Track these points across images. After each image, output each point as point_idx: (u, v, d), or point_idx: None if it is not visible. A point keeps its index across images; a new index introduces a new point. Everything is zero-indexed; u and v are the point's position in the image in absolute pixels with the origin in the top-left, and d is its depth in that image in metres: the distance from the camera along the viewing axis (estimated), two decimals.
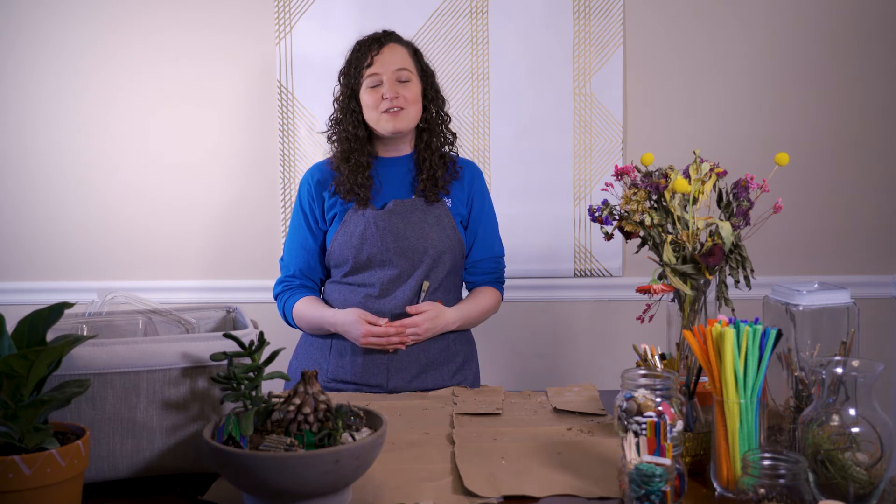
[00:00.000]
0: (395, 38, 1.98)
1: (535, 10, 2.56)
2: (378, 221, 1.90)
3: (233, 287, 2.64)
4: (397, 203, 1.93)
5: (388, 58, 1.92)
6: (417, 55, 2.00)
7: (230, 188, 2.63)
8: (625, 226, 1.51)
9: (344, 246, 1.92)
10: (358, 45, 1.97)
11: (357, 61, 1.94)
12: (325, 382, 1.93)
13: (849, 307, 1.37)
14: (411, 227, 1.92)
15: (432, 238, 1.92)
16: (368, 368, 1.90)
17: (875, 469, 1.10)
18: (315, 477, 1.09)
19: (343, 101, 1.97)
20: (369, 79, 1.92)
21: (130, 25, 2.58)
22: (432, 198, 1.95)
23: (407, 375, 1.90)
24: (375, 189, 1.96)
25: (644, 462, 1.09)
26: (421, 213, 1.94)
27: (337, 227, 1.94)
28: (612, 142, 2.60)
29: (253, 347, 1.24)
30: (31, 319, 1.12)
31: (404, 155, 2.01)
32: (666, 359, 1.47)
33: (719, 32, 2.57)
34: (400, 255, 1.90)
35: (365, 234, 1.90)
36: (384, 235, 1.90)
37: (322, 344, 1.95)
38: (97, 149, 2.62)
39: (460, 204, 2.00)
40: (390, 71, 1.91)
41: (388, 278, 1.91)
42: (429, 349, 1.92)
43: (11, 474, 1.00)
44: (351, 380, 1.91)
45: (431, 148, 1.97)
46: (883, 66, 2.58)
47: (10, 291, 2.62)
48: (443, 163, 1.98)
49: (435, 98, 2.00)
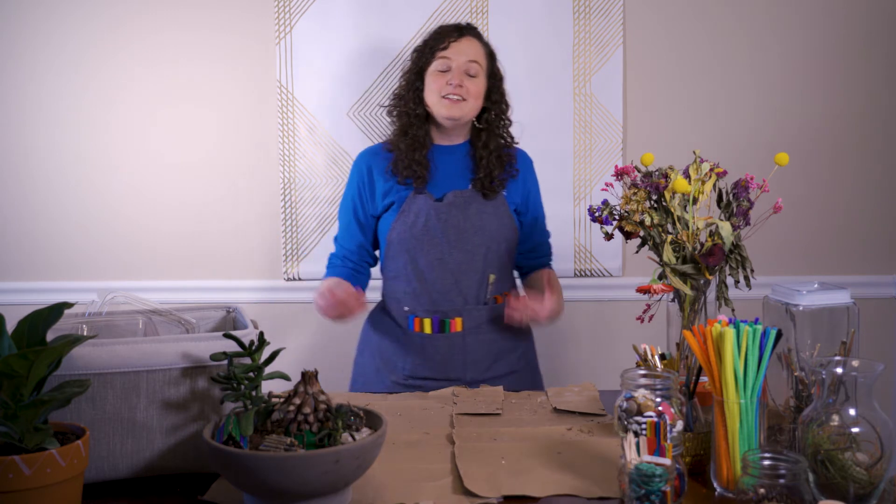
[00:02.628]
0: (476, 33, 2.02)
1: (535, 10, 2.56)
2: (439, 214, 1.94)
3: (233, 287, 2.64)
4: (456, 195, 1.96)
5: (463, 47, 1.96)
6: (491, 56, 2.03)
7: (230, 188, 2.63)
8: (625, 226, 1.51)
9: (404, 236, 1.95)
10: (439, 29, 2.01)
11: (434, 42, 1.98)
12: (402, 380, 1.97)
13: (849, 307, 1.37)
14: (470, 219, 1.95)
15: (491, 230, 1.96)
16: (447, 364, 1.96)
17: (875, 469, 1.10)
18: (315, 477, 1.09)
19: (409, 77, 2.01)
20: (439, 61, 1.95)
21: (130, 25, 2.58)
22: (490, 195, 1.98)
23: (482, 366, 1.97)
24: (431, 176, 1.98)
25: (644, 462, 1.09)
26: (479, 205, 1.97)
27: (395, 215, 1.96)
28: (612, 142, 2.60)
29: (253, 347, 1.24)
30: (31, 319, 1.12)
31: (459, 144, 2.03)
32: (666, 359, 1.47)
33: (719, 32, 2.57)
34: (461, 249, 1.94)
35: (427, 226, 1.93)
36: (445, 229, 1.94)
37: (396, 343, 2.00)
38: (97, 149, 2.62)
39: (515, 193, 2.04)
40: (462, 61, 1.95)
41: (450, 270, 1.95)
42: (498, 340, 1.99)
43: (11, 474, 1.00)
44: (430, 375, 1.96)
45: (489, 148, 1.99)
46: (883, 65, 2.58)
47: (10, 291, 2.62)
48: (500, 163, 2.00)
49: (499, 101, 2.02)
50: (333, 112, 2.59)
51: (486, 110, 2.01)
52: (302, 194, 2.61)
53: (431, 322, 1.96)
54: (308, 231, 2.62)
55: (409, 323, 1.98)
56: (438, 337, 1.96)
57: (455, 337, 1.96)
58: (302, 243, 2.63)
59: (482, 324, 1.98)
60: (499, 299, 2.00)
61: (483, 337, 1.97)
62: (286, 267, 2.63)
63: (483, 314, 1.97)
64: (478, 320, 1.97)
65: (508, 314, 1.89)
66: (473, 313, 1.96)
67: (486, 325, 1.98)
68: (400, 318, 2.00)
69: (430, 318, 1.96)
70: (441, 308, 1.96)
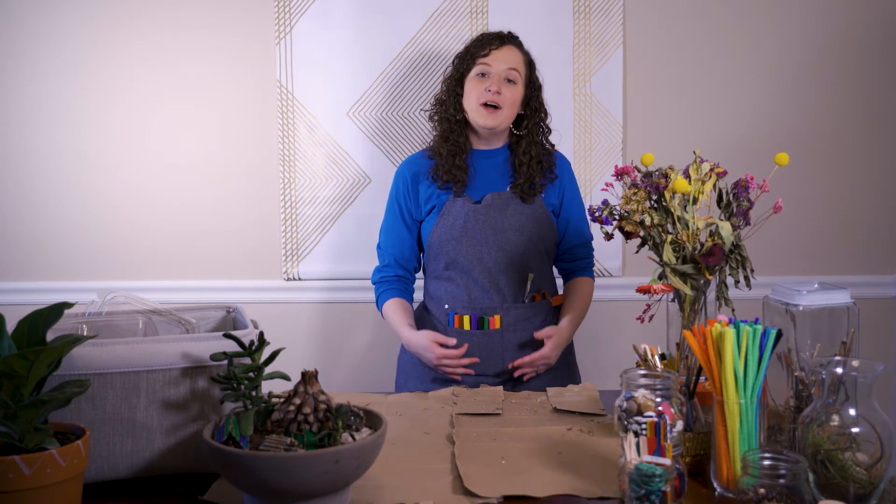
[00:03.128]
0: (517, 42, 2.08)
1: (535, 10, 2.56)
2: (477, 215, 2.00)
3: (233, 287, 2.64)
4: (494, 196, 2.02)
5: (504, 55, 2.02)
6: (531, 66, 2.09)
7: (230, 188, 2.63)
8: (625, 226, 1.51)
9: (444, 238, 2.01)
10: (481, 36, 2.07)
11: (475, 49, 2.04)
12: (442, 376, 2.00)
13: (849, 307, 1.37)
14: (508, 219, 2.00)
15: (529, 230, 2.01)
16: (485, 360, 1.98)
17: (875, 469, 1.10)
18: (315, 477, 1.09)
19: (450, 83, 2.07)
20: (479, 67, 2.02)
21: (130, 25, 2.58)
22: (528, 199, 2.02)
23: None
24: (470, 180, 2.04)
25: (644, 462, 1.09)
26: (517, 206, 2.02)
27: (436, 218, 2.03)
28: (612, 142, 2.59)
29: (253, 347, 1.24)
30: (31, 319, 1.12)
31: (497, 148, 2.09)
32: (666, 359, 1.47)
33: (719, 32, 2.57)
34: (499, 249, 1.99)
35: (466, 227, 1.99)
36: (483, 229, 1.99)
37: None
38: (97, 149, 2.61)
39: (553, 195, 2.08)
40: (502, 68, 2.01)
41: (489, 269, 1.99)
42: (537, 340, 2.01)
43: (11, 474, 1.00)
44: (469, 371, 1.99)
45: (530, 154, 2.04)
46: (883, 65, 2.58)
47: (10, 291, 2.62)
48: (540, 169, 2.05)
49: (538, 110, 2.08)
50: (333, 112, 2.59)
51: (525, 118, 2.07)
52: (302, 194, 2.61)
53: (470, 319, 2.01)
54: (308, 231, 2.62)
55: (450, 320, 2.03)
56: (477, 333, 2.00)
57: (494, 334, 2.00)
58: (302, 243, 2.62)
59: (520, 321, 2.01)
60: (536, 297, 2.04)
61: (521, 334, 2.01)
62: (286, 267, 2.63)
63: (521, 312, 2.02)
64: (516, 318, 2.01)
65: (522, 372, 1.96)
66: (512, 311, 2.01)
67: (524, 322, 2.02)
68: (440, 315, 2.05)
69: (469, 314, 2.01)
70: (480, 306, 2.01)
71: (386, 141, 2.59)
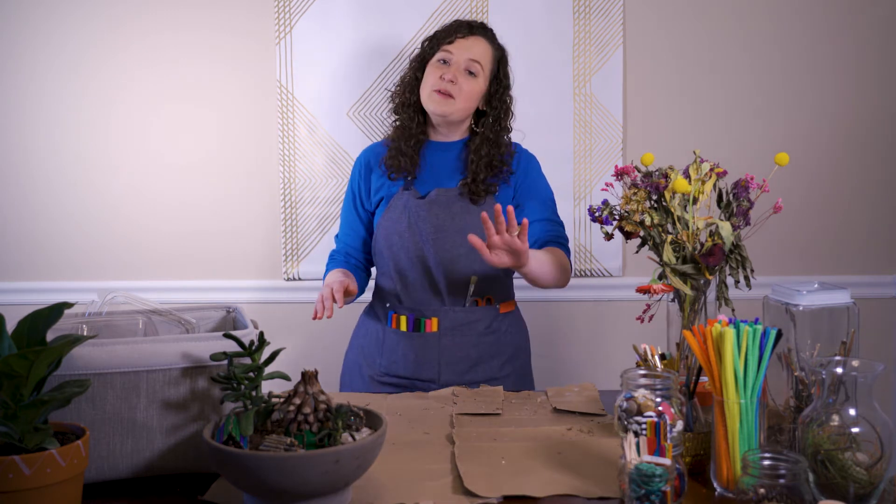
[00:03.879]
0: (489, 34, 1.98)
1: (535, 10, 2.56)
2: (420, 211, 1.90)
3: (233, 287, 2.64)
4: (440, 192, 1.92)
5: (469, 45, 1.93)
6: (500, 61, 1.98)
7: (230, 188, 2.63)
8: (625, 226, 1.51)
9: (388, 232, 1.93)
10: (452, 22, 1.98)
11: (442, 34, 1.96)
12: (378, 377, 1.96)
13: (849, 307, 1.36)
14: (453, 218, 1.90)
15: (476, 231, 1.83)
16: (420, 364, 1.92)
17: (875, 469, 1.10)
18: (315, 477, 1.09)
19: (413, 65, 2.00)
20: (442, 53, 1.93)
21: (130, 25, 2.58)
22: (477, 200, 1.91)
23: (458, 369, 1.93)
24: (420, 172, 1.95)
25: (644, 462, 1.09)
26: (464, 205, 1.91)
27: (383, 211, 1.95)
28: (612, 142, 2.60)
29: (253, 347, 1.24)
30: (31, 319, 1.12)
31: (454, 141, 2.00)
32: (666, 359, 1.47)
33: (719, 32, 2.57)
34: (440, 249, 1.90)
35: (409, 222, 1.90)
36: (425, 226, 1.89)
37: (375, 340, 1.99)
38: (97, 149, 2.62)
39: (506, 194, 1.96)
40: (463, 57, 1.92)
41: (430, 269, 1.91)
42: (480, 343, 1.94)
43: (11, 474, 1.00)
44: (403, 374, 1.94)
45: (481, 153, 1.93)
46: (883, 66, 2.58)
47: (10, 291, 2.62)
48: (490, 169, 1.93)
49: (498, 107, 1.96)
50: (333, 112, 2.59)
51: (484, 114, 1.98)
52: (302, 194, 2.61)
53: (407, 320, 1.94)
54: (308, 231, 2.62)
55: (388, 319, 1.97)
56: (414, 336, 1.93)
57: (430, 337, 1.92)
58: (302, 243, 2.63)
59: (460, 326, 1.93)
60: (480, 302, 1.96)
61: (460, 340, 1.93)
62: (286, 267, 2.63)
63: (461, 316, 1.93)
64: (454, 322, 1.93)
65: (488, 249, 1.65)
66: (450, 314, 1.93)
67: (464, 327, 1.93)
68: (382, 314, 2.00)
69: (406, 315, 1.94)
70: (419, 307, 1.94)
71: None
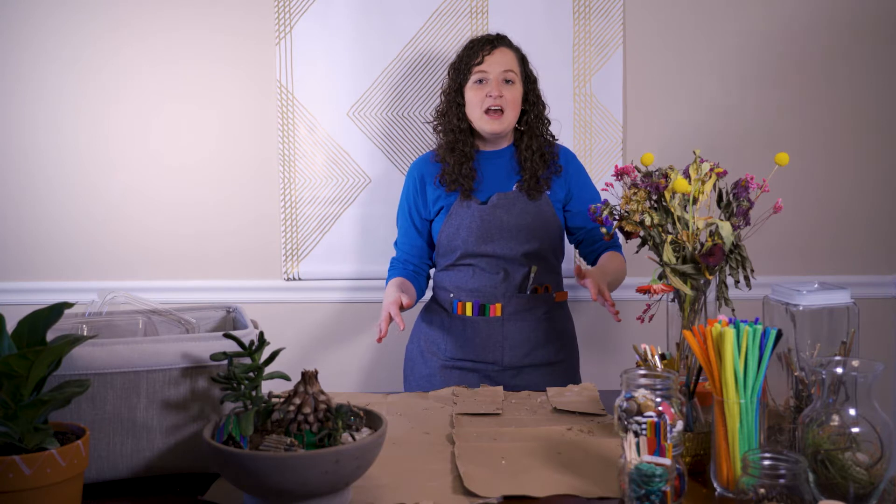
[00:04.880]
0: (507, 42, 2.11)
1: (535, 10, 2.56)
2: (483, 215, 2.04)
3: (233, 287, 2.64)
4: (500, 197, 2.06)
5: (497, 59, 2.06)
6: (524, 61, 2.13)
7: (230, 188, 2.63)
8: (625, 226, 1.51)
9: (452, 237, 2.07)
10: (471, 44, 2.10)
11: (468, 58, 2.08)
12: (444, 361, 2.08)
13: (849, 307, 1.36)
14: (515, 218, 2.04)
15: (534, 229, 2.04)
16: (486, 347, 2.05)
17: (875, 469, 1.10)
18: (315, 477, 1.09)
19: (449, 95, 2.11)
20: (476, 74, 2.06)
21: (130, 25, 2.58)
22: (535, 195, 2.06)
23: (520, 352, 2.06)
24: (478, 181, 2.09)
25: (644, 462, 1.09)
26: (523, 205, 2.06)
27: (444, 219, 2.08)
28: (612, 142, 2.59)
29: (253, 347, 1.24)
30: (31, 319, 1.12)
31: (503, 148, 2.13)
32: (666, 359, 1.47)
33: (719, 32, 2.57)
34: (504, 244, 2.04)
35: (471, 227, 2.04)
36: (489, 228, 2.04)
37: (441, 327, 2.11)
38: (97, 149, 2.62)
39: (559, 190, 2.11)
40: (498, 71, 2.05)
41: (494, 262, 2.05)
42: (539, 328, 2.07)
43: (11, 474, 1.00)
44: (470, 357, 2.06)
45: (532, 149, 2.08)
46: (882, 65, 2.58)
47: (10, 291, 2.62)
48: (543, 161, 2.09)
49: (536, 103, 2.12)
50: (333, 112, 2.59)
51: (525, 112, 2.11)
52: (302, 194, 2.61)
53: (473, 306, 2.06)
54: (308, 231, 2.62)
55: (454, 307, 2.08)
56: (479, 320, 2.06)
57: (494, 321, 2.05)
58: (302, 243, 2.63)
59: (521, 311, 2.06)
60: (539, 290, 2.08)
61: (522, 324, 2.05)
62: (286, 267, 2.63)
63: (523, 303, 2.06)
64: (517, 307, 2.05)
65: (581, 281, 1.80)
66: (513, 300, 2.05)
67: (525, 312, 2.06)
68: (446, 303, 2.11)
69: (471, 301, 2.07)
70: (483, 294, 2.06)
71: (386, 141, 2.59)
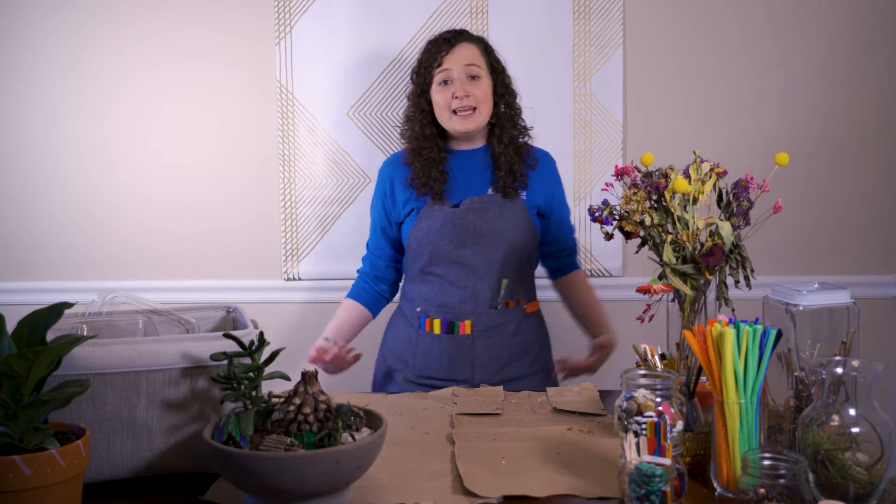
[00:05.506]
0: (466, 36, 2.01)
1: (535, 10, 2.56)
2: (455, 219, 1.94)
3: (233, 287, 2.64)
4: (473, 200, 1.97)
5: (458, 55, 1.96)
6: (488, 51, 2.02)
7: (230, 188, 2.63)
8: (625, 226, 1.51)
9: (421, 241, 1.97)
10: (429, 45, 2.01)
11: (427, 61, 1.99)
12: (413, 378, 2.00)
13: (849, 307, 1.36)
14: (488, 223, 1.95)
15: (509, 234, 1.95)
16: (455, 366, 1.97)
17: (875, 469, 1.10)
18: (315, 477, 1.09)
19: (414, 100, 2.02)
20: (440, 76, 1.96)
21: (130, 25, 2.58)
22: (511, 193, 1.97)
23: (491, 369, 1.97)
24: (450, 183, 1.99)
25: (644, 462, 1.09)
26: (497, 209, 1.96)
27: (414, 221, 1.99)
28: (612, 142, 2.59)
29: (253, 347, 1.24)
30: (31, 319, 1.12)
31: (478, 147, 2.04)
32: (666, 359, 1.47)
33: (719, 32, 2.57)
34: (476, 253, 1.94)
35: (442, 231, 1.94)
36: (461, 233, 1.94)
37: (408, 343, 2.03)
38: (97, 149, 2.62)
39: (536, 196, 2.02)
40: (460, 67, 1.95)
41: (464, 273, 1.96)
42: (511, 343, 1.99)
43: (11, 474, 1.00)
44: (438, 376, 1.97)
45: (504, 143, 1.99)
46: (883, 65, 2.58)
47: (10, 291, 2.62)
48: (518, 154, 2.00)
49: (504, 94, 2.02)
50: (333, 112, 2.59)
51: (495, 104, 2.02)
52: (302, 194, 2.61)
53: (441, 323, 1.98)
54: (308, 231, 2.62)
55: (421, 323, 2.00)
56: (447, 338, 1.97)
57: (463, 339, 1.97)
58: (302, 243, 2.63)
59: (492, 327, 1.98)
60: (510, 304, 2.00)
61: (492, 341, 1.97)
62: (286, 267, 2.63)
63: (493, 318, 1.98)
64: (487, 324, 1.97)
65: (560, 374, 1.97)
66: (483, 317, 1.97)
67: (495, 329, 1.98)
68: (413, 318, 2.03)
69: (439, 318, 1.98)
70: (452, 310, 1.97)
71: (386, 141, 2.59)
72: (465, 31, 2.03)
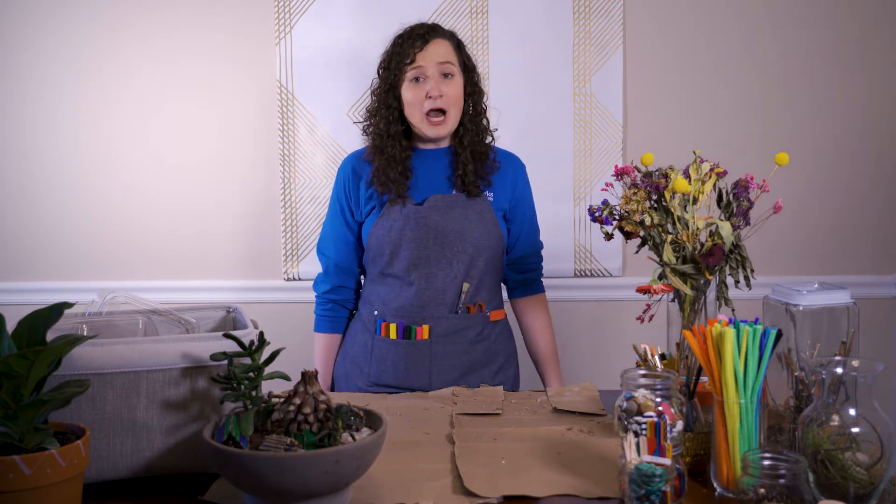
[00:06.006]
0: (440, 31, 1.91)
1: (535, 10, 2.56)
2: (418, 217, 1.86)
3: (233, 287, 2.64)
4: (437, 199, 1.89)
5: (432, 52, 1.87)
6: (460, 47, 1.94)
7: (230, 188, 2.63)
8: (625, 226, 1.51)
9: (382, 240, 1.88)
10: (399, 40, 1.91)
11: (399, 56, 1.88)
12: (367, 386, 1.93)
13: (849, 307, 1.36)
14: (451, 223, 1.87)
15: (473, 235, 1.88)
16: (411, 372, 1.89)
17: (875, 469, 1.10)
18: (315, 477, 1.09)
19: (381, 95, 1.92)
20: (412, 72, 1.87)
21: (130, 25, 2.58)
22: (473, 192, 1.90)
23: (449, 378, 1.89)
24: (413, 181, 1.91)
25: (644, 462, 1.09)
26: (461, 209, 1.89)
27: (374, 220, 1.90)
28: (612, 142, 2.60)
29: (253, 347, 1.24)
30: (31, 319, 1.12)
31: (443, 147, 1.96)
32: (666, 359, 1.47)
33: (719, 32, 2.57)
34: (439, 254, 1.87)
35: (404, 230, 1.86)
36: (424, 232, 1.86)
37: (364, 348, 1.95)
38: (97, 149, 2.62)
39: (503, 198, 1.95)
40: (434, 64, 1.86)
41: (426, 276, 1.88)
42: (472, 351, 1.92)
43: (11, 474, 1.00)
44: (393, 384, 1.90)
45: (464, 143, 1.91)
46: (883, 65, 2.58)
47: (10, 291, 2.62)
48: (479, 157, 1.92)
49: (473, 92, 1.94)
50: (333, 112, 2.59)
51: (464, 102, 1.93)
52: (302, 194, 2.61)
53: (397, 327, 1.90)
54: (308, 231, 2.62)
55: (377, 327, 1.93)
56: (403, 343, 1.90)
57: (421, 345, 1.89)
58: (302, 243, 2.63)
59: (451, 333, 1.90)
60: (472, 309, 1.92)
61: (451, 347, 1.90)
62: (286, 267, 2.63)
63: (452, 323, 1.90)
64: (446, 329, 1.90)
65: None
66: (442, 321, 1.89)
67: (454, 335, 1.90)
68: (369, 322, 1.95)
69: (396, 323, 1.91)
70: (410, 314, 1.90)
71: None
72: (438, 26, 1.93)
